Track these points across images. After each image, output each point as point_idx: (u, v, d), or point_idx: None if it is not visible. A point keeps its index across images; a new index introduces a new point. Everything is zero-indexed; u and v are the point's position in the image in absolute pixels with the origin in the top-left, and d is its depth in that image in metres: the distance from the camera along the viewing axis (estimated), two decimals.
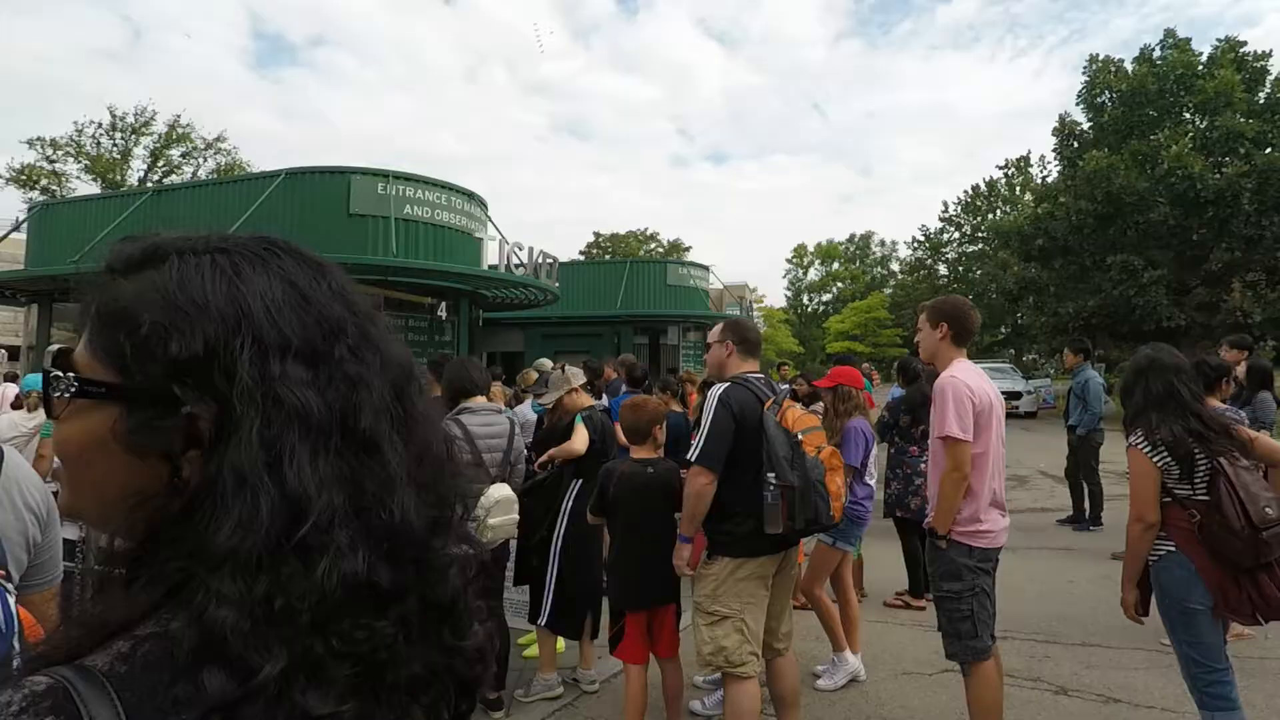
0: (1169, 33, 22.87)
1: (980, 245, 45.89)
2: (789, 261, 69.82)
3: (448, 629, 0.62)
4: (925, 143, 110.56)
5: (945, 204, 50.99)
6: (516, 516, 3.56)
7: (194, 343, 0.55)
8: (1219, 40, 22.43)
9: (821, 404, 4.49)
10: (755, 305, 58.71)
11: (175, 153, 32.17)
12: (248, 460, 0.53)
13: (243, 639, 0.50)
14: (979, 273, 43.01)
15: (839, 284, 66.18)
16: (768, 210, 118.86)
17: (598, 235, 58.75)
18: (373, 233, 10.41)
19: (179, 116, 31.35)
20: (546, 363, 7.67)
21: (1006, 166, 46.75)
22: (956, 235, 49.91)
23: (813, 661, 4.16)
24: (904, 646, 4.57)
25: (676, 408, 6.63)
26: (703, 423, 2.94)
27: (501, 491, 3.48)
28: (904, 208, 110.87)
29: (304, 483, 0.54)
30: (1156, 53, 22.71)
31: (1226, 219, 19.31)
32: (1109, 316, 21.07)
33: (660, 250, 59.25)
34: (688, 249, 60.70)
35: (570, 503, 3.91)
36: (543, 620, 3.83)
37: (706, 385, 4.76)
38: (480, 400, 3.71)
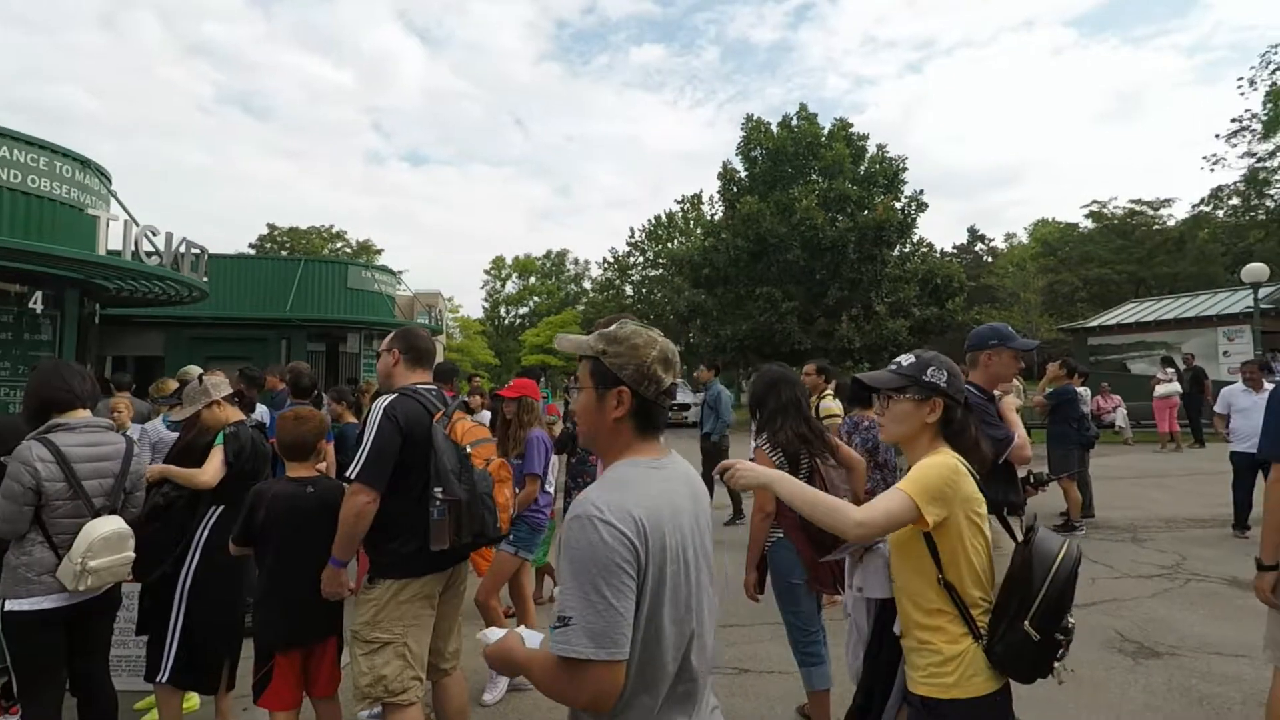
0: (803, 106, 27.89)
1: (661, 270, 50.67)
2: (487, 273, 69.85)
3: None
4: (618, 171, 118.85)
5: (632, 230, 55.29)
6: (130, 554, 2.97)
7: None
8: (835, 119, 27.92)
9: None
10: (451, 315, 57.62)
11: None
12: None
13: None
14: (659, 295, 47.35)
15: (535, 298, 67.91)
16: (468, 219, 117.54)
17: (273, 228, 52.81)
18: None
19: None
20: (193, 370, 6.56)
21: (683, 202, 52.43)
22: (641, 260, 54.47)
23: (487, 677, 4.12)
24: None
25: (351, 419, 6.17)
26: (365, 437, 2.74)
27: (108, 526, 2.87)
28: (598, 230, 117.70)
29: None
30: (794, 121, 27.44)
31: (838, 264, 24.03)
32: (757, 339, 24.73)
33: (348, 251, 55.16)
34: (379, 251, 57.43)
35: (205, 533, 3.35)
36: (163, 676, 3.22)
37: (377, 396, 4.48)
38: (82, 414, 3.01)
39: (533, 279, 68.85)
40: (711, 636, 1.51)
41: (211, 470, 3.37)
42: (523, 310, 68.84)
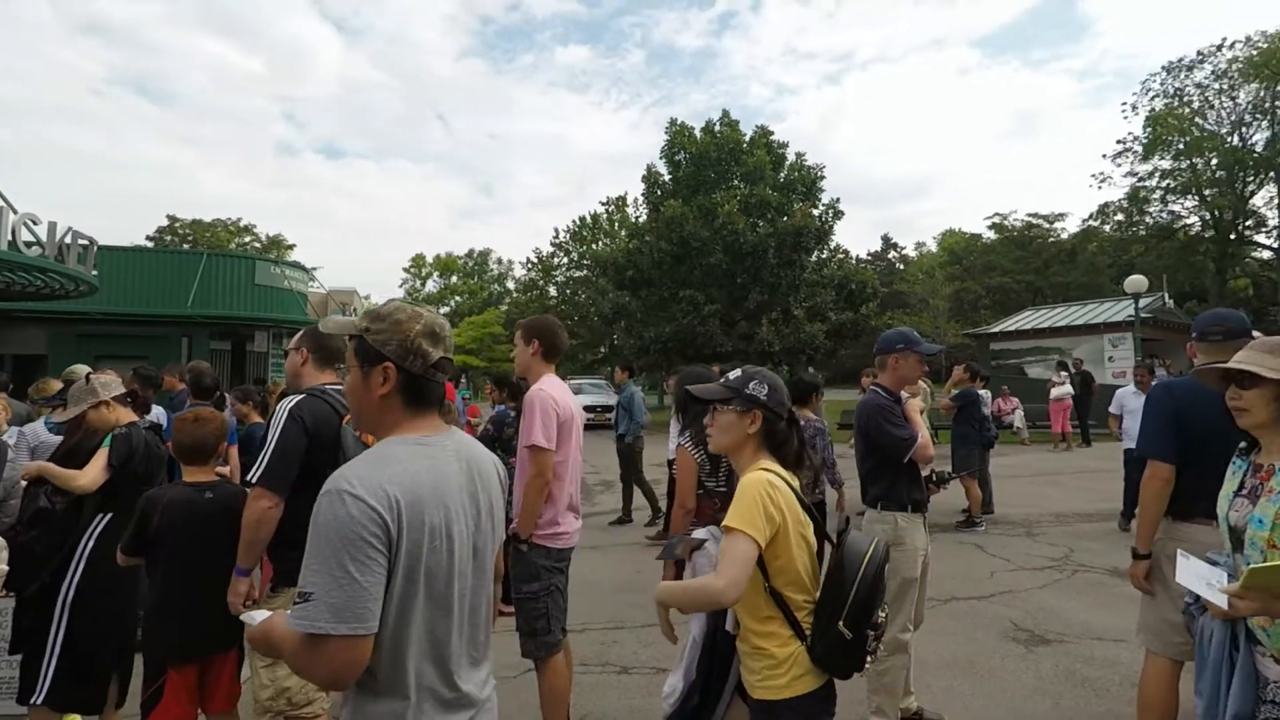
0: (725, 112, 28.39)
1: (585, 271, 50.55)
2: (407, 271, 68.08)
3: None
4: (543, 170, 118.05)
5: (557, 230, 55.06)
6: (3, 567, 2.74)
7: None
8: (757, 126, 28.57)
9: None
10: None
11: None
12: None
13: None
14: (583, 296, 47.24)
15: (457, 298, 66.58)
16: (387, 215, 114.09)
17: (174, 220, 49.86)
18: None
19: None
20: (80, 370, 6.11)
21: (608, 203, 52.46)
22: (565, 260, 54.20)
23: None
24: (495, 653, 4.68)
25: (258, 419, 5.89)
26: (269, 439, 2.62)
27: None
28: (521, 229, 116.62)
29: None
30: (717, 127, 27.91)
31: (759, 268, 24.56)
32: (680, 341, 24.99)
33: (257, 245, 52.66)
34: (291, 247, 55.11)
35: (91, 542, 3.12)
36: (38, 698, 2.98)
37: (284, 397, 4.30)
38: None
39: (454, 278, 67.50)
40: (487, 619, 1.54)
41: (92, 474, 3.15)
42: (444, 310, 67.41)
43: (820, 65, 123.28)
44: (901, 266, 60.65)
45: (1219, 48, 36.12)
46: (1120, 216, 41.23)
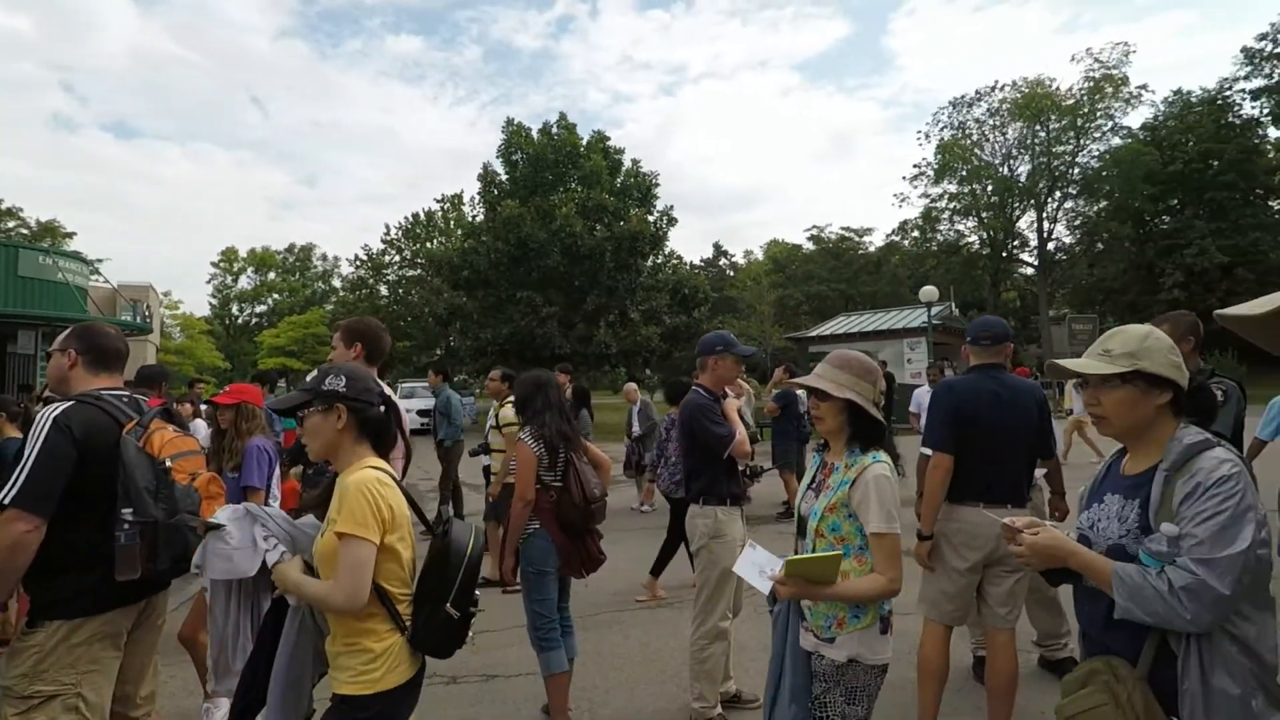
0: (563, 115, 28.48)
1: (419, 271, 48.54)
2: (216, 266, 61.95)
3: None
4: (374, 164, 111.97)
5: (388, 226, 52.41)
6: None
7: None
8: (594, 131, 28.93)
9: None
10: (169, 312, 50.00)
11: None
12: None
13: None
14: (417, 296, 45.39)
15: (275, 295, 61.51)
16: (193, 204, 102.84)
17: None
18: None
19: None
20: None
21: (443, 201, 50.78)
22: (398, 259, 51.74)
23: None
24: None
25: (13, 433, 5.10)
26: (26, 453, 2.28)
27: None
28: (350, 224, 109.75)
29: None
30: (554, 129, 27.92)
31: (596, 271, 24.88)
32: (518, 343, 24.73)
33: (24, 232, 45.59)
34: (69, 235, 48.23)
35: None
36: None
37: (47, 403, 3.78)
38: None
39: (272, 274, 62.31)
40: None
41: None
42: (260, 308, 62.04)
43: (656, 76, 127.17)
44: (732, 273, 63.92)
45: (992, 89, 41.65)
46: (916, 233, 46.26)
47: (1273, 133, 36.79)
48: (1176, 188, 37.23)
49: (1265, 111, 36.99)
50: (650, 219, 26.47)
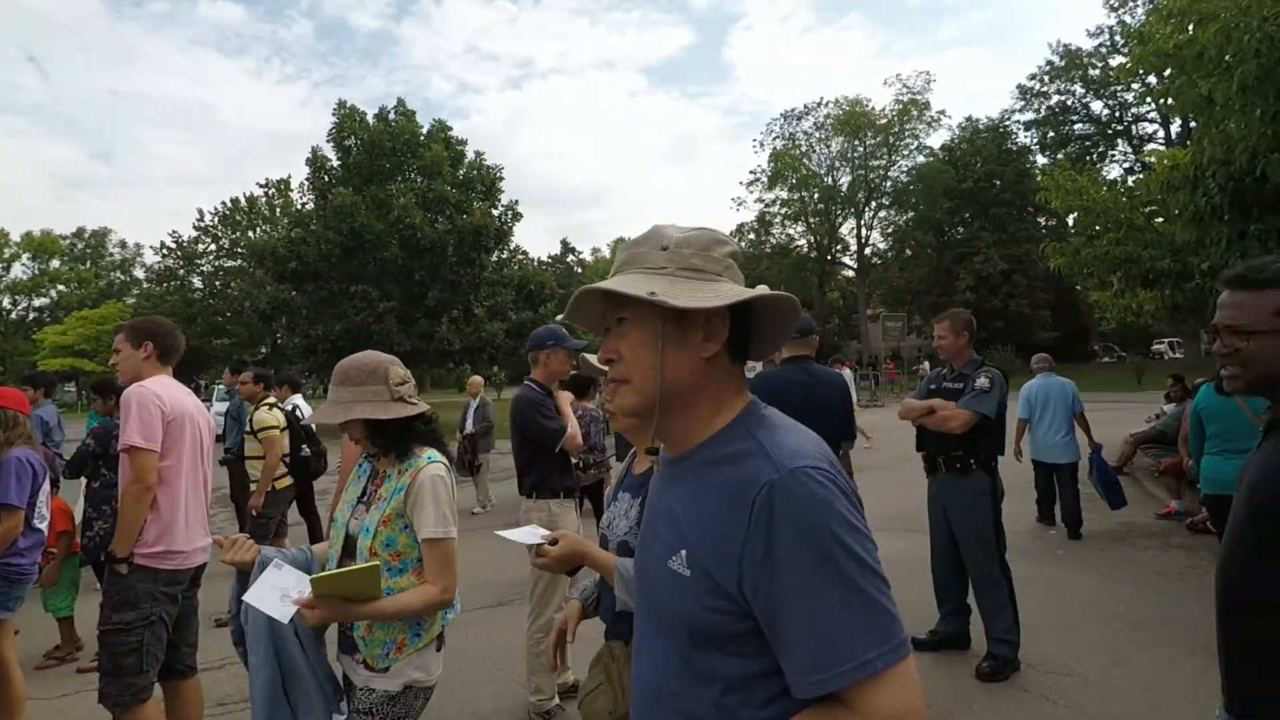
0: (401, 101, 27.28)
1: (239, 261, 44.53)
2: None
3: None
4: (184, 142, 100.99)
5: (201, 212, 47.58)
6: None
7: None
8: (435, 120, 27.97)
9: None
10: None
11: None
12: None
13: None
14: (235, 289, 41.63)
15: (60, 287, 53.96)
16: None
17: None
18: None
19: None
20: None
21: (268, 186, 46.94)
22: (214, 247, 47.18)
23: None
24: None
25: None
26: None
27: None
28: (155, 208, 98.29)
29: None
30: (391, 115, 26.67)
31: (438, 265, 24.09)
32: (353, 340, 23.34)
33: None
34: None
35: None
36: None
37: None
38: None
39: (55, 263, 54.55)
40: None
41: None
42: (40, 301, 54.17)
43: (504, 68, 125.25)
44: (579, 270, 64.27)
45: (818, 104, 45.05)
46: (752, 235, 48.85)
47: (1040, 159, 42.78)
48: (968, 203, 42.29)
49: (1034, 141, 43.73)
50: (495, 213, 25.98)
